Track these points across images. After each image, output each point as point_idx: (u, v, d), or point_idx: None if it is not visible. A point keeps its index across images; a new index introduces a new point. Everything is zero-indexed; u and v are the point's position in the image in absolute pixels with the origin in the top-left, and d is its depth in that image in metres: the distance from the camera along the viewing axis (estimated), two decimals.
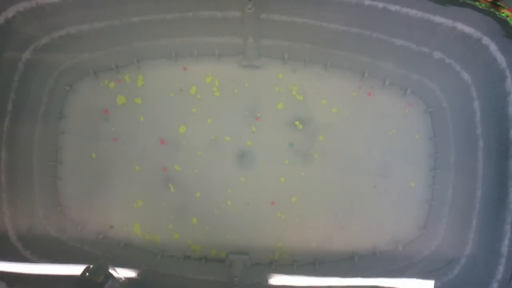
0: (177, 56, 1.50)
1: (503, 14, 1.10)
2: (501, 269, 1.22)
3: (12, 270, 1.30)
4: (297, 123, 1.53)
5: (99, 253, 1.47)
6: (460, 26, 1.20)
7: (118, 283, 1.36)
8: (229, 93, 1.53)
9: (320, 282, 1.49)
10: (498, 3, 1.09)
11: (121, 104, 1.51)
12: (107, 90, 1.51)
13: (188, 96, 1.53)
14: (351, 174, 1.54)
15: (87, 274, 1.32)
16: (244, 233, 1.54)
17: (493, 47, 1.20)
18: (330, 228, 1.54)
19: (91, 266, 1.34)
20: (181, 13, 1.31)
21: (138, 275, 1.49)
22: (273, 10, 1.31)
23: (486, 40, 1.20)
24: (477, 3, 1.09)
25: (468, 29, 1.20)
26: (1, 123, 1.27)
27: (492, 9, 1.10)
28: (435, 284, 1.40)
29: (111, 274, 1.35)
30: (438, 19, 1.20)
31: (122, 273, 1.45)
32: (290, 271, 1.51)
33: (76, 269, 1.38)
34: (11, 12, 1.20)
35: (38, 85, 1.40)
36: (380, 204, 1.54)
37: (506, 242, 1.22)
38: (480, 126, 1.35)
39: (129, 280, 1.46)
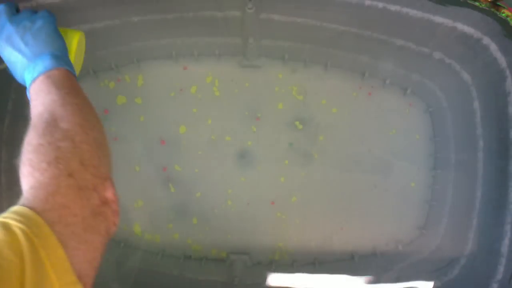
0: (177, 56, 1.50)
1: (503, 14, 1.10)
2: (501, 269, 1.21)
3: None
4: (297, 123, 1.53)
5: None
6: (460, 26, 1.19)
7: None
8: (229, 93, 1.53)
9: (320, 282, 1.49)
10: (498, 3, 1.09)
11: (121, 104, 1.51)
12: (107, 90, 1.51)
13: (188, 96, 1.52)
14: (351, 174, 1.54)
15: None
16: (244, 233, 1.54)
17: (493, 47, 1.20)
18: (330, 228, 1.54)
19: None
20: (181, 13, 1.31)
21: (138, 275, 1.49)
22: (273, 10, 1.31)
23: (486, 40, 1.20)
24: (477, 3, 1.09)
25: (468, 29, 1.20)
26: (1, 123, 1.27)
27: (492, 9, 1.10)
28: (435, 284, 1.40)
29: None
30: (438, 19, 1.20)
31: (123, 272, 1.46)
32: (290, 271, 1.51)
33: None
34: None
35: None
36: (380, 204, 1.54)
37: (506, 242, 1.22)
38: (480, 126, 1.35)
39: (129, 280, 1.46)
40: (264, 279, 1.49)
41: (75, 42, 0.73)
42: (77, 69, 0.79)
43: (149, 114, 1.52)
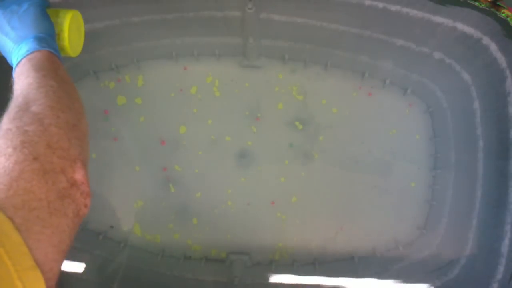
0: (178, 56, 1.50)
1: (503, 14, 1.10)
2: (501, 269, 1.21)
3: None
4: (297, 123, 1.53)
5: (99, 254, 1.48)
6: (460, 26, 1.19)
7: None
8: (230, 93, 1.53)
9: (320, 282, 1.49)
10: (498, 3, 1.09)
11: (121, 104, 1.51)
12: (107, 90, 1.51)
13: (188, 96, 1.52)
14: (351, 174, 1.54)
15: None
16: (244, 233, 1.54)
17: (493, 47, 1.20)
18: (330, 228, 1.54)
19: None
20: (181, 13, 1.31)
21: (138, 275, 1.49)
22: (273, 10, 1.31)
23: (486, 40, 1.20)
24: (477, 3, 1.09)
25: (468, 29, 1.20)
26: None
27: (492, 9, 1.10)
28: (435, 284, 1.40)
29: None
30: (438, 19, 1.20)
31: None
32: (290, 271, 1.51)
33: (75, 269, 1.39)
34: None
35: None
36: (380, 204, 1.54)
37: (506, 242, 1.22)
38: (480, 126, 1.35)
39: (129, 280, 1.46)
40: (264, 279, 1.49)
41: (67, 21, 0.72)
42: (76, 49, 0.78)
43: (149, 114, 1.52)
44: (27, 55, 0.61)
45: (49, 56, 0.62)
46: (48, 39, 0.65)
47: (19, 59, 0.61)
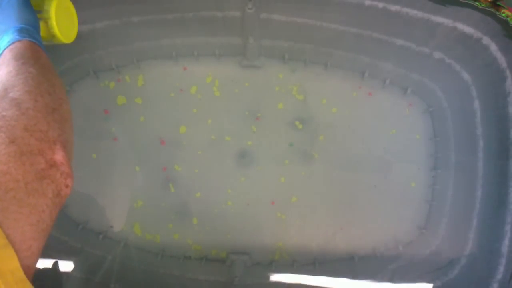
0: (177, 56, 1.50)
1: (503, 14, 1.10)
2: (501, 269, 1.22)
3: None
4: (297, 123, 1.53)
5: (99, 253, 1.48)
6: (460, 26, 1.20)
7: None
8: (229, 93, 1.53)
9: (320, 282, 1.49)
10: (498, 3, 1.09)
11: (121, 104, 1.51)
12: (107, 90, 1.51)
13: (188, 96, 1.53)
14: (351, 174, 1.54)
15: None
16: (244, 233, 1.54)
17: (493, 47, 1.20)
18: (330, 228, 1.54)
19: None
20: (181, 13, 1.31)
21: (138, 275, 1.49)
22: (273, 10, 1.31)
23: (486, 40, 1.20)
24: (477, 3, 1.09)
25: (468, 29, 1.20)
26: None
27: (492, 9, 1.10)
28: (435, 284, 1.40)
29: None
30: (438, 19, 1.20)
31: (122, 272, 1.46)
32: (290, 271, 1.51)
33: (75, 269, 1.39)
34: None
35: None
36: (380, 204, 1.54)
37: (506, 242, 1.22)
38: (481, 126, 1.35)
39: (129, 280, 1.46)
40: (264, 279, 1.49)
41: (53, 8, 0.72)
42: (69, 34, 0.78)
43: (149, 114, 1.52)
44: (8, 46, 0.61)
45: (30, 46, 0.62)
46: (29, 29, 0.65)
47: (1, 51, 0.62)
